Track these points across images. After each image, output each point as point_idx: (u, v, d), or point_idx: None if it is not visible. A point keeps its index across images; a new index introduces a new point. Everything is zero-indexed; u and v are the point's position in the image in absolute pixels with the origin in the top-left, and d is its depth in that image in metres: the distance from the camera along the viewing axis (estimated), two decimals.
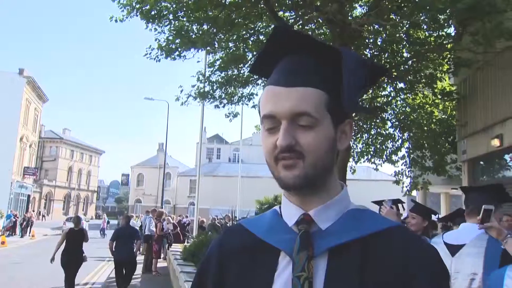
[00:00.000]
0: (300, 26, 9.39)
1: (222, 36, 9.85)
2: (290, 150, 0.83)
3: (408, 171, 12.50)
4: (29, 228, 27.02)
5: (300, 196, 0.89)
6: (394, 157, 12.09)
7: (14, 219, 26.83)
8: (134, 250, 8.86)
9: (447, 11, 6.71)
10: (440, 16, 7.41)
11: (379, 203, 4.34)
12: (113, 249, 8.69)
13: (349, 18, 8.20)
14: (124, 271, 8.72)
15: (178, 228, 16.50)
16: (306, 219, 0.88)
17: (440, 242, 2.71)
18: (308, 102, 0.83)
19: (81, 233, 8.28)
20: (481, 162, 9.62)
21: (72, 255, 8.02)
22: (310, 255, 0.84)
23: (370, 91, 11.08)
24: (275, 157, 0.85)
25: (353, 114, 7.83)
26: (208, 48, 10.16)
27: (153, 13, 9.00)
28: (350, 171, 12.20)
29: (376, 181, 35.83)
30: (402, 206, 4.57)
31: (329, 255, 0.84)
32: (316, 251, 0.84)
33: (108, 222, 34.89)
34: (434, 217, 5.77)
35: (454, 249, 2.65)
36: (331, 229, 0.87)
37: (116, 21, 9.36)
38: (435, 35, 9.46)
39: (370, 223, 0.87)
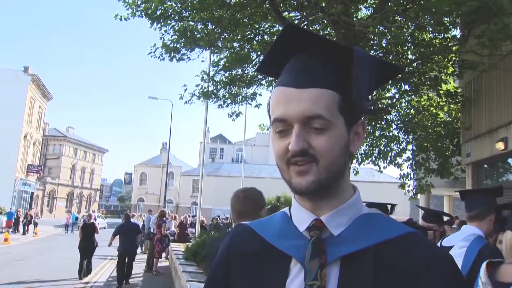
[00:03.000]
0: (305, 27, 9.37)
1: (227, 36, 9.84)
2: (303, 154, 0.80)
3: (413, 174, 12.43)
4: (33, 226, 27.06)
5: (312, 201, 0.86)
6: (398, 159, 12.04)
7: (16, 217, 26.87)
8: (136, 243, 10.81)
9: (453, 14, 6.66)
10: (445, 19, 7.37)
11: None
12: (110, 243, 10.70)
13: (354, 19, 8.16)
14: (126, 262, 10.29)
15: (187, 229, 16.52)
16: (318, 225, 0.85)
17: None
18: (320, 104, 0.80)
19: (92, 225, 11.17)
20: (485, 165, 9.57)
21: (86, 242, 10.80)
22: (323, 263, 0.81)
23: (375, 92, 11.04)
24: (287, 161, 0.82)
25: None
26: (212, 48, 10.17)
27: (158, 13, 9.02)
28: (353, 172, 12.16)
29: (379, 183, 35.74)
30: (393, 208, 4.54)
31: (342, 262, 0.81)
32: (329, 258, 0.82)
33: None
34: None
35: None
36: (343, 235, 0.84)
37: (120, 19, 9.38)
38: (440, 37, 9.42)
39: (384, 229, 0.84)
